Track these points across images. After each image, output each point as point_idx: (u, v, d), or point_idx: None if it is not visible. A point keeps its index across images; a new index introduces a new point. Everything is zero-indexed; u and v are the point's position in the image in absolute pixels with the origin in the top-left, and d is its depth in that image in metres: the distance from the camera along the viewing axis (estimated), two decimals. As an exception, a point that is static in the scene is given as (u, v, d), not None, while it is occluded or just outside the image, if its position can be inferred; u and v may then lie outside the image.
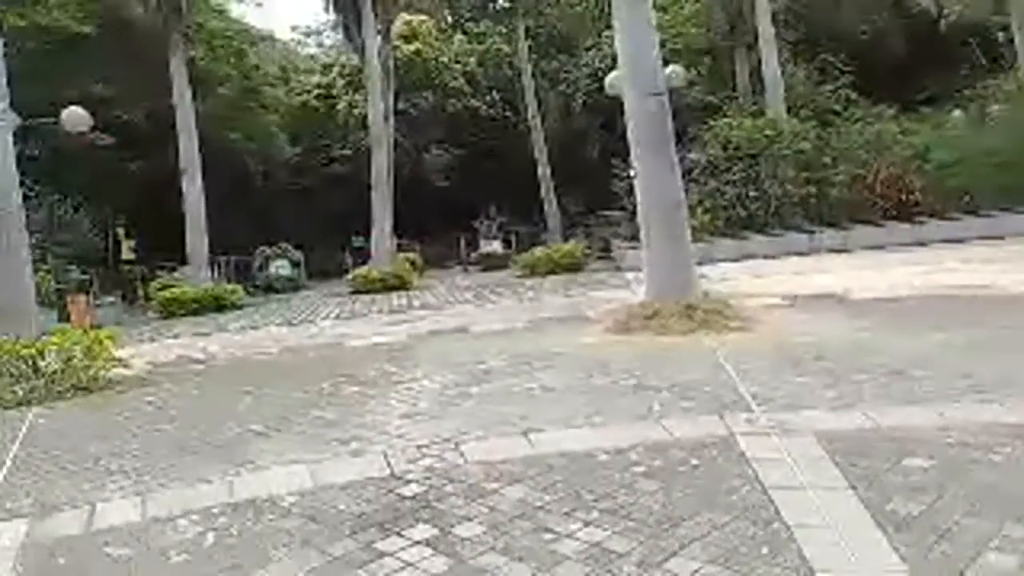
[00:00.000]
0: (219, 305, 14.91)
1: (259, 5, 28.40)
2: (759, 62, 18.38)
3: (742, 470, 3.53)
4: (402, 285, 16.28)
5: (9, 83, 8.36)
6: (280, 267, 19.48)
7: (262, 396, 6.31)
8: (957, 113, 18.11)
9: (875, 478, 3.29)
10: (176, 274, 16.74)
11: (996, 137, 16.02)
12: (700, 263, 8.97)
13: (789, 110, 17.62)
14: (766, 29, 17.77)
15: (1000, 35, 20.74)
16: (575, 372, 5.92)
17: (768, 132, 16.70)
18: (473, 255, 22.04)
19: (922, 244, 13.99)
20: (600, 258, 18.30)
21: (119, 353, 7.52)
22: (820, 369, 5.36)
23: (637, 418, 4.53)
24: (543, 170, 21.14)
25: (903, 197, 15.68)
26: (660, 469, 3.65)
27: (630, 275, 13.01)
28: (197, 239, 16.62)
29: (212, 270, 18.27)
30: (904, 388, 4.68)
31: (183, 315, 14.38)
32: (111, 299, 15.85)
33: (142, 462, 4.54)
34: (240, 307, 15.12)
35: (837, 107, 18.91)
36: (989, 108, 17.53)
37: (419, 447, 4.28)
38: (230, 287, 16.03)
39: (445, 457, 4.08)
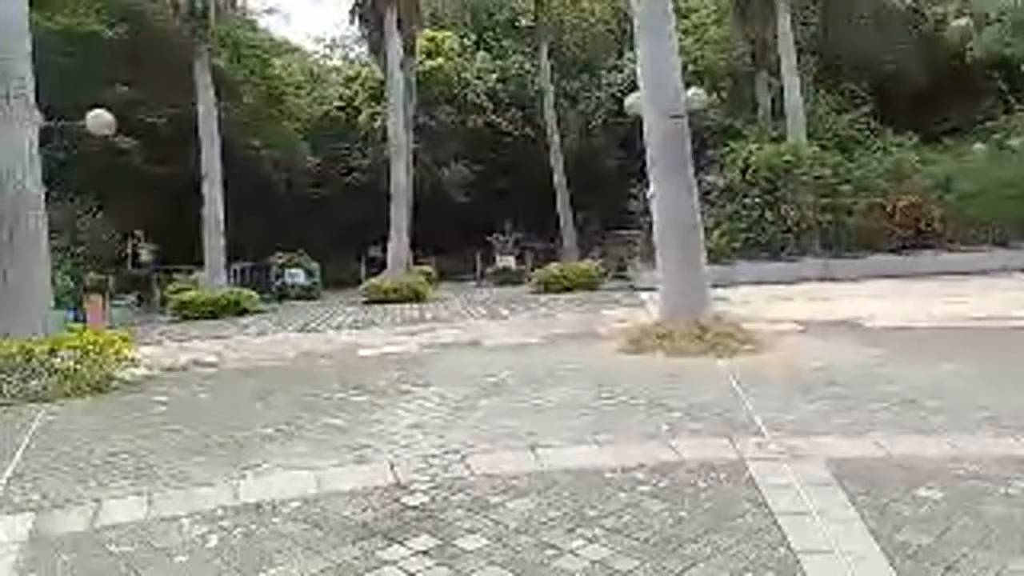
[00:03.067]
0: (234, 310, 14.99)
1: (286, 18, 28.87)
2: (780, 88, 18.37)
3: (750, 494, 3.49)
4: (416, 297, 16.31)
5: (36, 84, 8.50)
6: (295, 275, 19.59)
7: (271, 401, 6.33)
8: (979, 146, 17.98)
9: (885, 507, 3.25)
10: (192, 278, 16.87)
11: (1016, 170, 15.93)
12: (715, 285, 8.93)
13: (810, 136, 17.58)
14: (788, 56, 17.77)
15: (1024, 67, 20.63)
16: (585, 389, 5.90)
17: (788, 157, 16.67)
18: (488, 270, 22.07)
19: (940, 274, 13.86)
20: (615, 276, 18.27)
21: (132, 354, 7.58)
22: (832, 395, 5.31)
23: (646, 437, 4.51)
24: (560, 187, 21.18)
25: (922, 226, 15.59)
26: (666, 489, 3.62)
27: (644, 294, 12.98)
28: (215, 244, 16.75)
29: (228, 275, 18.42)
30: (917, 418, 4.62)
31: (198, 319, 14.47)
32: (127, 300, 15.98)
33: (149, 462, 4.56)
34: (255, 313, 15.20)
35: (858, 135, 18.84)
36: (1010, 141, 17.40)
37: (425, 458, 4.28)
38: (246, 292, 16.13)
39: (451, 469, 4.07)
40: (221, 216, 16.86)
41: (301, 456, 4.49)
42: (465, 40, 27.26)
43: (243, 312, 15.04)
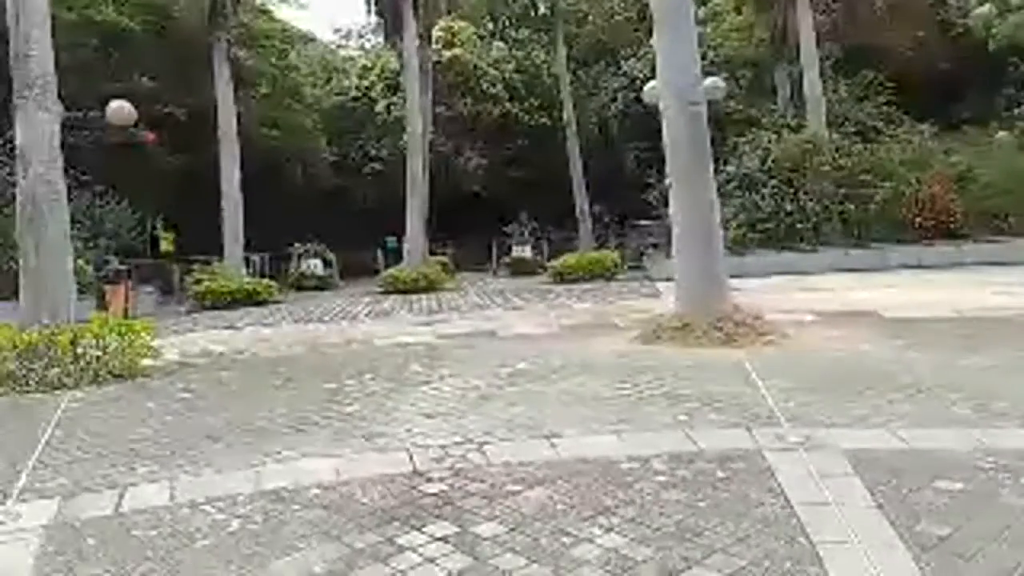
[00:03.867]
0: (253, 300, 15.11)
1: (302, 7, 28.84)
2: (800, 76, 18.17)
3: (768, 484, 3.49)
4: (433, 287, 16.35)
5: (57, 75, 8.59)
6: (313, 265, 19.67)
7: (291, 390, 6.39)
8: (1002, 134, 17.71)
9: (904, 498, 3.24)
10: (213, 267, 17.01)
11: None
12: (733, 276, 8.88)
13: (830, 125, 17.38)
14: (808, 44, 17.56)
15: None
16: (602, 379, 5.90)
17: (808, 147, 16.49)
18: (504, 260, 22.05)
19: (962, 264, 13.69)
20: (632, 267, 18.20)
21: (154, 342, 7.67)
22: (851, 386, 5.27)
23: (663, 427, 4.51)
24: (577, 177, 21.09)
25: (943, 217, 15.37)
26: (684, 479, 3.63)
27: (661, 285, 12.92)
28: (233, 234, 16.88)
29: (246, 265, 18.55)
30: (938, 409, 4.59)
31: (218, 308, 14.60)
32: (148, 290, 16.14)
33: (171, 449, 4.63)
34: (273, 303, 15.31)
35: (879, 124, 18.60)
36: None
37: (443, 446, 4.30)
38: (264, 282, 16.25)
39: (468, 457, 4.10)
40: (240, 207, 16.99)
41: (320, 444, 4.54)
42: (481, 30, 27.17)
43: (262, 302, 15.15)
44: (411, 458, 4.13)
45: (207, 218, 17.42)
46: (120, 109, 14.57)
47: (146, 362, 7.56)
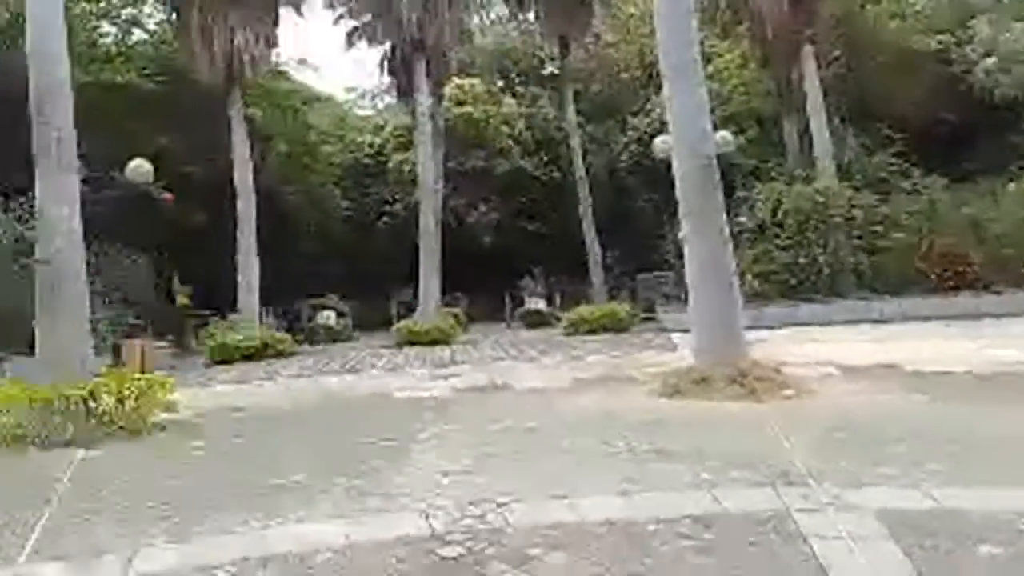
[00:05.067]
0: (268, 353, 15.11)
1: (316, 70, 29.53)
2: (808, 129, 18.34)
3: (798, 548, 3.37)
4: (446, 339, 16.30)
5: (78, 134, 8.78)
6: (327, 317, 19.73)
7: (305, 446, 6.30)
8: (1012, 186, 17.71)
9: (941, 562, 3.11)
10: (228, 321, 17.08)
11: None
12: (749, 328, 8.79)
13: (840, 178, 17.45)
14: (814, 96, 17.79)
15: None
16: (622, 435, 5.79)
17: (819, 198, 16.54)
18: (518, 312, 22.05)
19: (977, 317, 13.48)
20: (645, 319, 18.11)
21: (170, 398, 7.63)
22: (877, 443, 5.14)
23: (687, 487, 4.39)
24: (588, 229, 21.20)
25: (958, 268, 15.27)
26: (711, 543, 3.51)
27: (677, 337, 12.81)
28: (249, 288, 17.00)
29: (262, 319, 18.62)
30: (969, 468, 4.45)
31: (233, 362, 14.59)
32: (164, 344, 16.20)
33: (183, 509, 4.54)
34: (288, 356, 15.29)
35: (889, 176, 18.66)
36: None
37: (460, 506, 4.19)
38: (279, 336, 16.27)
39: (487, 519, 3.99)
40: (255, 262, 17.14)
41: (335, 504, 4.44)
42: (492, 87, 27.74)
43: (278, 355, 15.14)
44: (428, 519, 4.02)
45: (223, 273, 17.58)
46: (138, 168, 14.85)
47: (161, 418, 7.50)
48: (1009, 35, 19.88)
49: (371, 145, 28.48)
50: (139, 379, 7.70)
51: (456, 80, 25.22)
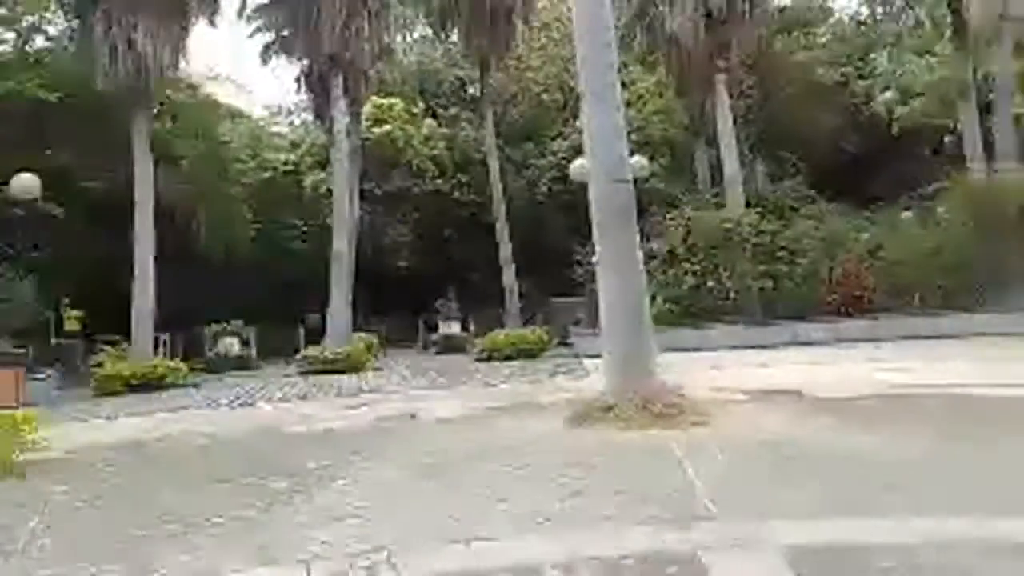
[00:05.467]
0: (162, 384, 14.20)
1: (233, 84, 28.63)
2: (719, 156, 18.83)
3: (703, 593, 3.20)
4: (356, 366, 15.74)
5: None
6: (229, 344, 18.73)
7: (181, 489, 5.76)
8: (907, 213, 18.65)
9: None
10: (120, 349, 16.03)
11: (942, 238, 16.51)
12: (659, 352, 8.76)
13: (748, 204, 17.95)
14: (725, 126, 18.28)
15: (948, 139, 21.75)
16: (527, 469, 5.56)
17: (727, 225, 16.95)
18: (432, 337, 21.65)
19: (876, 340, 13.99)
20: (560, 343, 18.07)
21: (37, 436, 6.94)
22: (783, 472, 5.09)
23: (592, 525, 4.18)
24: (505, 253, 21.07)
25: (857, 293, 15.87)
26: (613, 589, 3.30)
27: (589, 362, 12.75)
28: (144, 313, 16.00)
29: (160, 346, 17.57)
30: (871, 497, 4.42)
31: (123, 393, 13.65)
32: (47, 374, 14.98)
33: (41, 561, 4.02)
34: (183, 386, 14.40)
35: (793, 203, 19.37)
36: (936, 210, 18.10)
37: (348, 555, 3.86)
38: (173, 364, 15.28)
39: (376, 570, 3.67)
40: (152, 285, 16.16)
41: (208, 555, 4.02)
42: (413, 108, 27.44)
43: (171, 386, 14.24)
44: (308, 573, 3.66)
45: (119, 297, 16.52)
46: (23, 182, 13.81)
47: (27, 457, 6.81)
48: (908, 68, 21.09)
49: (286, 163, 27.57)
50: (4, 416, 6.98)
51: (376, 99, 24.81)
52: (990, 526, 3.78)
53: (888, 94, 21.70)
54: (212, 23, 18.72)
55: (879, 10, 27.83)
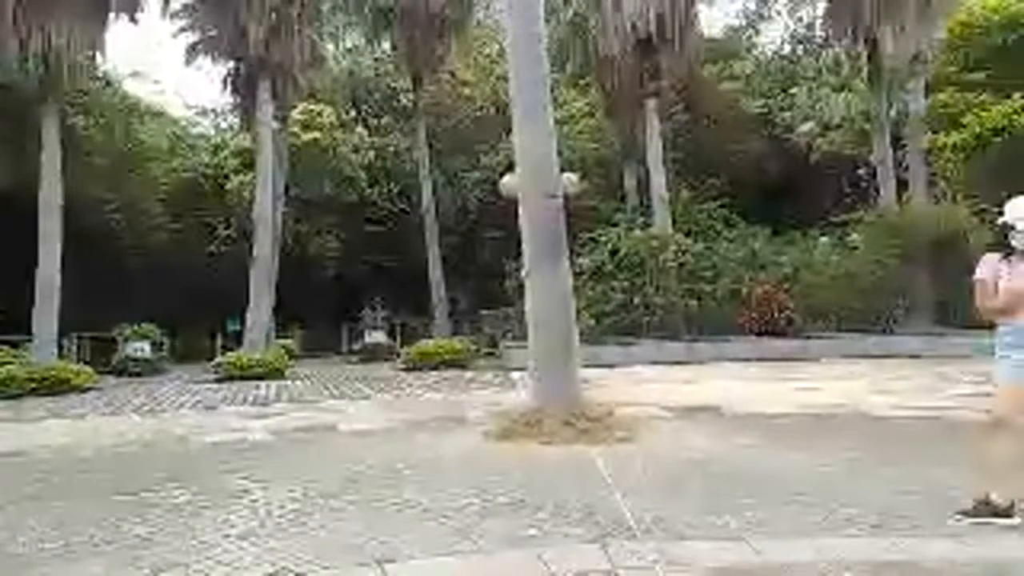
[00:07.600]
0: (63, 388, 13.31)
1: (156, 83, 27.56)
2: (647, 177, 19.15)
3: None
4: (274, 374, 15.20)
5: None
6: (139, 348, 17.76)
7: (72, 502, 5.32)
8: (823, 239, 19.39)
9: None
10: (17, 351, 15.00)
11: (856, 263, 17.26)
12: (585, 367, 8.75)
13: (674, 224, 18.29)
14: (655, 148, 18.61)
15: (862, 170, 22.81)
16: (447, 485, 5.37)
17: (654, 243, 17.22)
18: (356, 346, 21.20)
19: (793, 360, 14.42)
20: (487, 354, 17.96)
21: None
22: (706, 490, 5.08)
23: (511, 545, 4.03)
24: (433, 263, 20.87)
25: (775, 314, 16.35)
26: (531, 613, 3.16)
27: (515, 374, 12.68)
28: (46, 312, 15.07)
29: (64, 347, 16.58)
30: (791, 516, 4.43)
31: (18, 397, 12.74)
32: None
33: None
34: (86, 391, 13.56)
35: (717, 225, 19.87)
36: (850, 236, 18.90)
37: (250, 578, 3.60)
38: (76, 368, 14.35)
39: (280, 593, 3.43)
40: (56, 282, 15.27)
41: (95, 578, 3.68)
42: (343, 115, 26.94)
43: (74, 390, 13.38)
44: (206, 596, 3.39)
45: (22, 295, 15.51)
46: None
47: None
48: (826, 102, 22.06)
49: (208, 165, 26.64)
50: None
51: (305, 105, 24.22)
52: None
53: (807, 126, 22.62)
54: (133, 20, 17.95)
55: (799, 47, 29.11)
